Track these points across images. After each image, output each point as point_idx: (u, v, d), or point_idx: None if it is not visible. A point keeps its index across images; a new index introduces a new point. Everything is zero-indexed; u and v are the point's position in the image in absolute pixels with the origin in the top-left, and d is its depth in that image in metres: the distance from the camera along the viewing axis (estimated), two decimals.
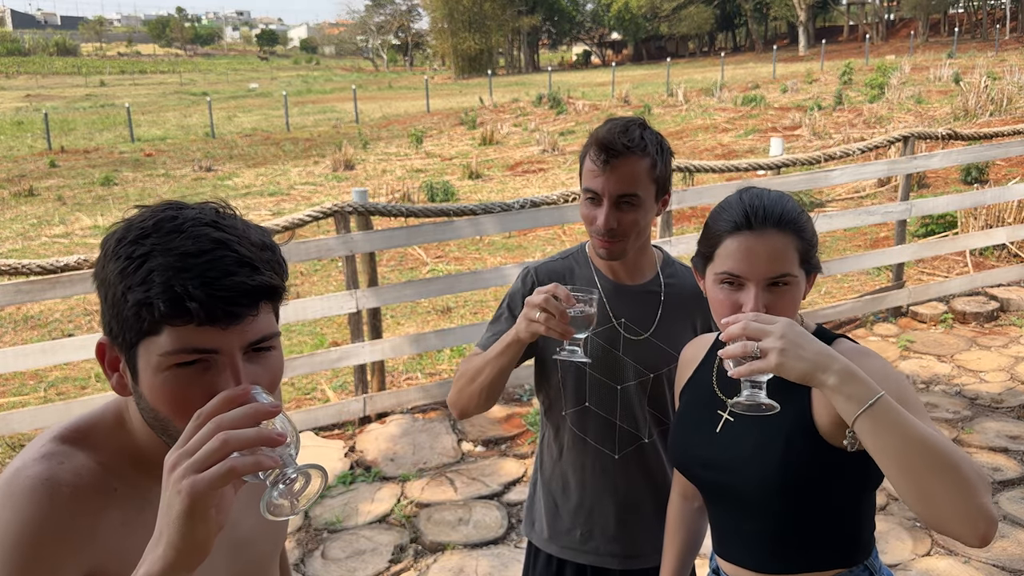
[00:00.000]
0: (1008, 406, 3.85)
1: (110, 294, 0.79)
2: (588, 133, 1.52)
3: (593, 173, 1.43)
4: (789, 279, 1.15)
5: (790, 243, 1.15)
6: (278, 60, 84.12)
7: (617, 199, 1.42)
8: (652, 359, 1.53)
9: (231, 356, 0.78)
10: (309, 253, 3.69)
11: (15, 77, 55.05)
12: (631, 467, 1.57)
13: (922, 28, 44.32)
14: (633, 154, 1.41)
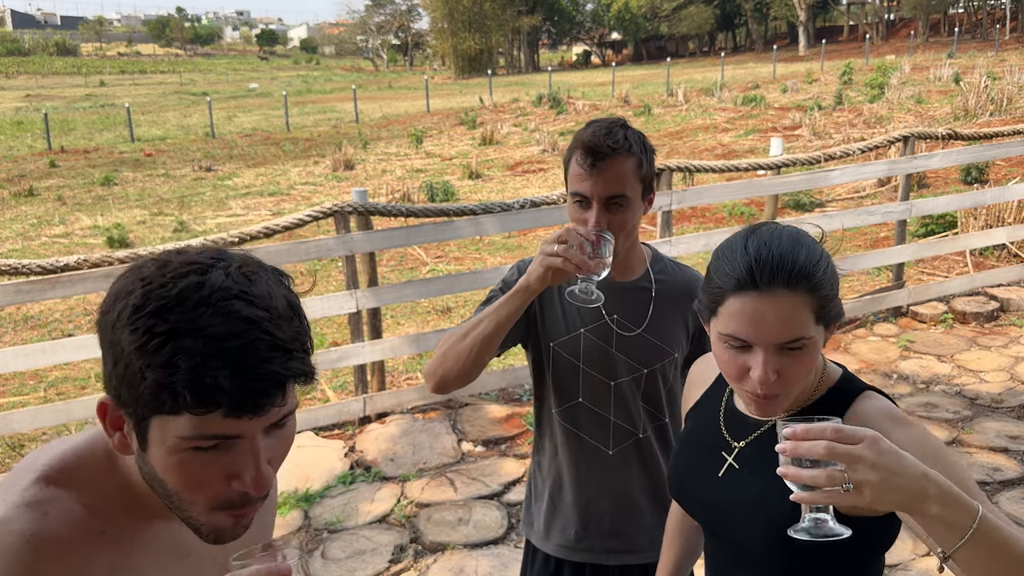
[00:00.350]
0: (1008, 406, 3.85)
1: (122, 364, 0.73)
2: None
3: (580, 176, 1.44)
4: (804, 342, 1.01)
5: (803, 303, 1.00)
6: (278, 60, 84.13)
7: (606, 201, 1.43)
8: (645, 355, 1.54)
9: (252, 440, 0.76)
10: (309, 253, 3.69)
11: (15, 77, 55.05)
12: (626, 462, 1.58)
13: (922, 28, 44.32)
14: (619, 155, 1.43)
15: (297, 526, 3.13)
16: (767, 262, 1.00)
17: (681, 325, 1.56)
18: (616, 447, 1.57)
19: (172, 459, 0.75)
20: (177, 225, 9.49)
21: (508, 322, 1.42)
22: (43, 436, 4.02)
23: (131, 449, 0.79)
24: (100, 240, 8.83)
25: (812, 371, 1.05)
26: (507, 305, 1.41)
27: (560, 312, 1.56)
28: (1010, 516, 2.97)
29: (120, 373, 0.73)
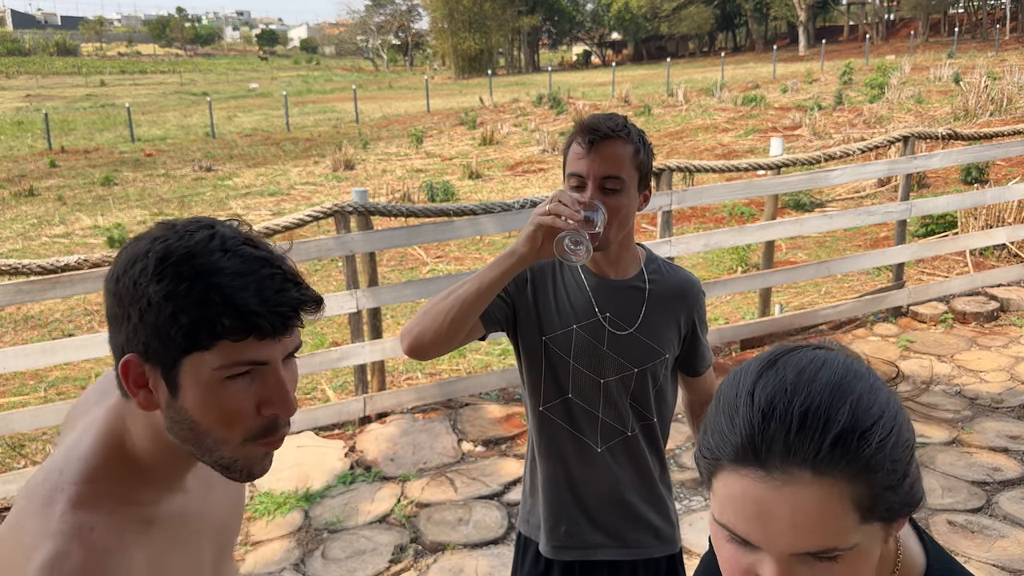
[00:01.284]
0: (1008, 406, 3.85)
1: (152, 315, 0.80)
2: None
3: (578, 155, 1.46)
4: (839, 553, 0.64)
5: (840, 494, 0.63)
6: (278, 60, 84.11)
7: (602, 181, 1.44)
8: (635, 354, 1.54)
9: (276, 366, 0.84)
10: (309, 253, 3.69)
11: (15, 77, 55.05)
12: (615, 459, 1.58)
13: (922, 28, 44.32)
14: (618, 137, 1.45)
15: (297, 526, 3.13)
16: (782, 423, 0.63)
17: (673, 326, 1.57)
18: (604, 444, 1.58)
19: (207, 393, 0.82)
20: None
21: (492, 288, 1.39)
22: (43, 436, 4.02)
23: (157, 404, 0.84)
24: (100, 240, 8.83)
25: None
26: (493, 269, 1.39)
27: (554, 307, 1.55)
28: (1010, 516, 2.97)
29: (150, 324, 0.80)
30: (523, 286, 1.56)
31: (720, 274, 6.19)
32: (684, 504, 3.18)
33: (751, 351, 4.66)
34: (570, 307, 1.54)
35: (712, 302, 5.56)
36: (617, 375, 1.54)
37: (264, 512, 3.21)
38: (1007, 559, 2.73)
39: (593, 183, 1.44)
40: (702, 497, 3.21)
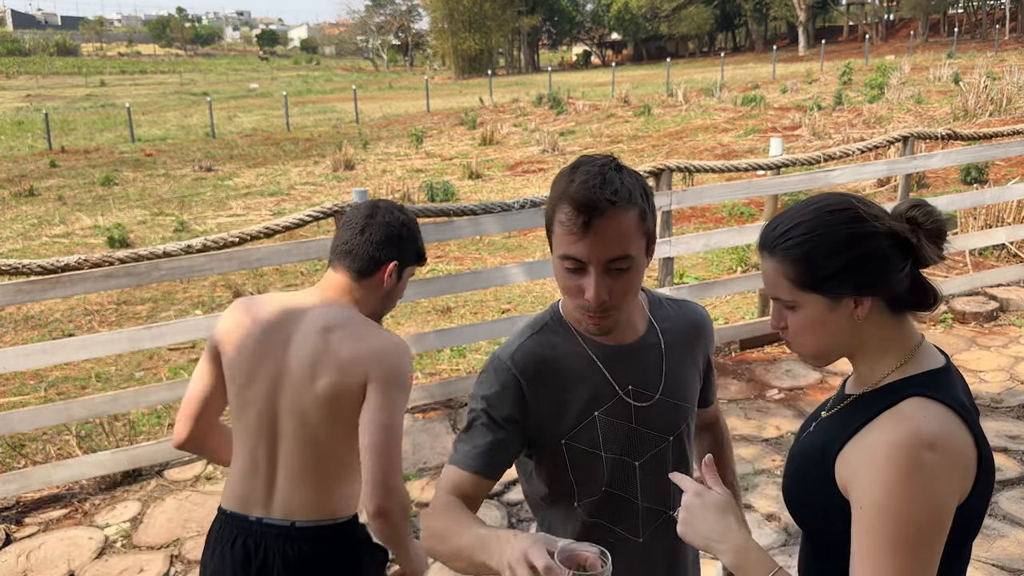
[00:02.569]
0: (1008, 406, 3.86)
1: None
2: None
3: (573, 238, 1.15)
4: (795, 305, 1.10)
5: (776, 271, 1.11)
6: (278, 60, 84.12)
7: (607, 265, 1.16)
8: (669, 421, 1.33)
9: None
10: (309, 253, 3.69)
11: (15, 77, 55.05)
12: (656, 548, 1.36)
13: (922, 28, 44.33)
14: (619, 207, 1.14)
15: None
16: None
17: (694, 371, 1.39)
18: (645, 532, 1.35)
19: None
20: (177, 225, 9.49)
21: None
22: (43, 436, 4.02)
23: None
24: (101, 240, 8.84)
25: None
26: (482, 560, 1.11)
27: (564, 401, 1.28)
28: (1010, 516, 2.97)
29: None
30: (521, 402, 1.26)
31: (720, 274, 6.20)
32: None
33: (751, 351, 4.66)
34: (585, 393, 1.28)
35: (712, 302, 5.57)
36: (653, 450, 1.33)
37: None
38: (1007, 559, 2.73)
39: (596, 269, 1.16)
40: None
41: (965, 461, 1.02)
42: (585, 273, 1.18)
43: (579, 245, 1.16)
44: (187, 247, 3.45)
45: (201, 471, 3.55)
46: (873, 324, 1.08)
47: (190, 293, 6.75)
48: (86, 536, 3.12)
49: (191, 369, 5.02)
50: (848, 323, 1.08)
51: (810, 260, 1.05)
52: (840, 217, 1.05)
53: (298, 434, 1.58)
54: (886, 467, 0.99)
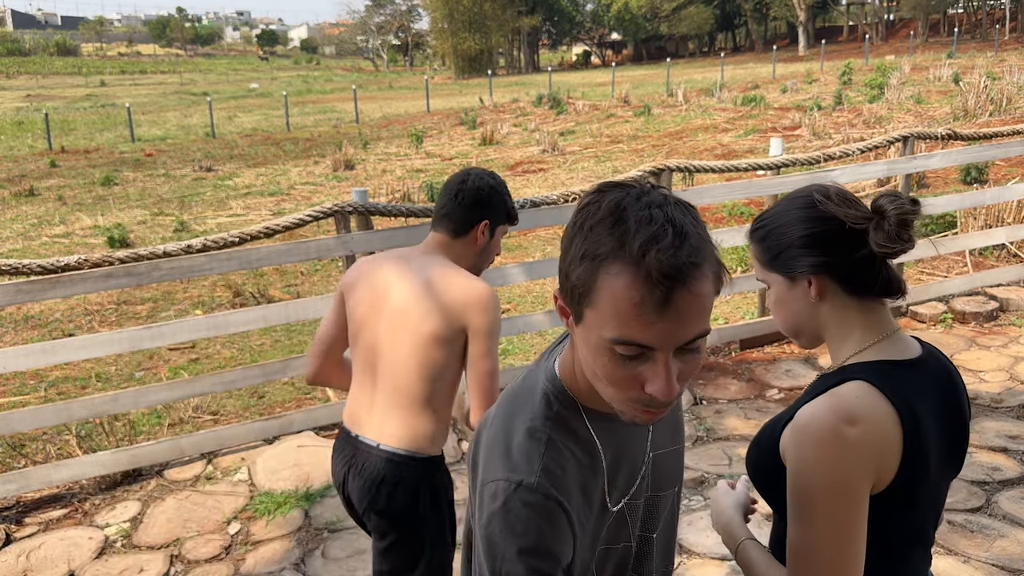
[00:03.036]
0: (1008, 406, 3.86)
1: None
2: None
3: (644, 320, 0.82)
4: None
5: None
6: (278, 60, 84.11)
7: (682, 347, 0.86)
8: (669, 473, 1.15)
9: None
10: (309, 253, 3.69)
11: (15, 77, 55.05)
12: None
13: (922, 28, 44.33)
14: (701, 269, 0.83)
15: (297, 525, 3.13)
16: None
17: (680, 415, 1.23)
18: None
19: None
20: (178, 225, 9.49)
21: None
22: (43, 435, 4.02)
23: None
24: (101, 240, 8.84)
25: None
26: None
27: (590, 504, 1.01)
28: (1010, 516, 2.97)
29: None
30: (570, 533, 0.95)
31: None
32: (684, 504, 3.18)
33: (751, 351, 4.66)
34: (607, 486, 1.03)
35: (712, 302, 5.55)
36: (666, 510, 1.15)
37: (264, 512, 3.21)
38: (1007, 559, 2.73)
39: (668, 353, 0.85)
40: (701, 497, 3.22)
41: (885, 444, 1.05)
42: (648, 360, 0.86)
43: (653, 329, 0.83)
44: (187, 247, 3.45)
45: (201, 471, 3.56)
46: (832, 306, 1.16)
47: (190, 293, 6.75)
48: (86, 536, 3.12)
49: (191, 369, 5.03)
50: (805, 302, 1.17)
51: (768, 240, 1.19)
52: (796, 203, 1.17)
53: (391, 370, 1.83)
54: (803, 437, 1.06)
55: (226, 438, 3.67)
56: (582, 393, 0.99)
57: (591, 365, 0.90)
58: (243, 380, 3.71)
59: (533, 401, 0.99)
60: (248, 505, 3.28)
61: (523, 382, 1.05)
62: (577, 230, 0.87)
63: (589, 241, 0.85)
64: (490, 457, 0.98)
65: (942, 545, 2.83)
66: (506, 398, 1.04)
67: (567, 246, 0.89)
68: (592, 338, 0.87)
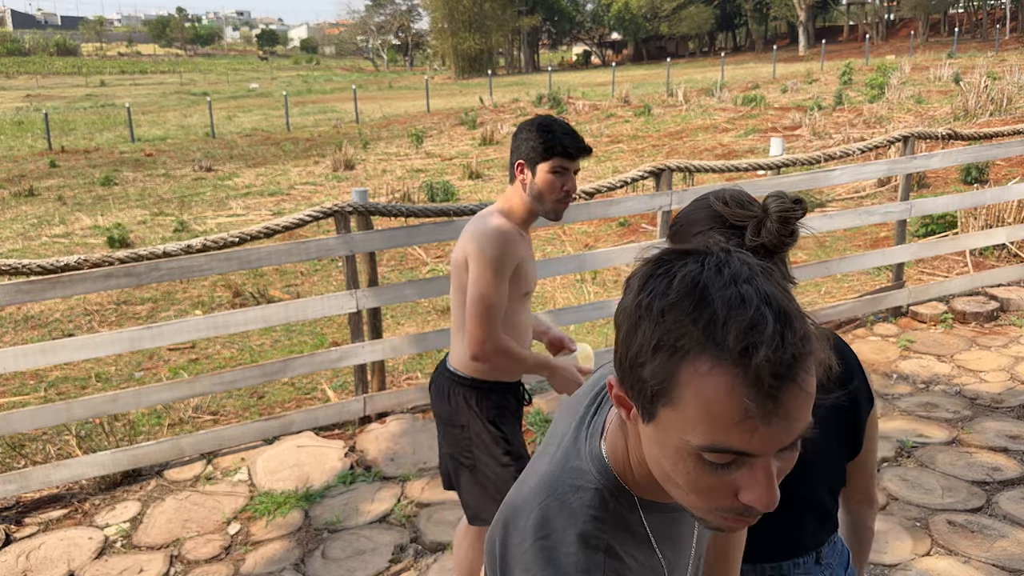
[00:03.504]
0: (1008, 406, 3.85)
1: None
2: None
3: (748, 426, 0.69)
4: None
5: None
6: (278, 60, 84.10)
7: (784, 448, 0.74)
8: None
9: None
10: (309, 253, 3.69)
11: (15, 77, 55.05)
12: None
13: (922, 28, 44.32)
14: (809, 361, 0.71)
15: (297, 526, 3.13)
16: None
17: None
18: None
19: None
20: (177, 225, 9.49)
21: None
22: (43, 436, 4.02)
23: None
24: (100, 240, 8.84)
25: None
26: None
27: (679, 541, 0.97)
28: (1010, 516, 2.97)
29: None
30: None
31: None
32: None
33: None
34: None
35: None
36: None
37: (264, 512, 3.21)
38: (1007, 559, 2.73)
39: (768, 458, 0.72)
40: None
41: None
42: (744, 466, 0.72)
43: (756, 435, 0.70)
44: (187, 247, 3.45)
45: (201, 471, 3.56)
46: None
47: (190, 293, 6.75)
48: (86, 536, 3.12)
49: (191, 369, 5.03)
50: None
51: (675, 238, 1.32)
52: (699, 204, 1.28)
53: (451, 301, 2.20)
54: None
55: (226, 438, 3.67)
56: (638, 486, 0.84)
57: (665, 469, 0.75)
58: (243, 380, 3.71)
59: (582, 498, 0.84)
60: (248, 505, 3.27)
61: (561, 470, 0.87)
62: (644, 312, 0.71)
63: (662, 328, 0.70)
64: (528, 569, 0.81)
65: (942, 545, 2.83)
66: (543, 487, 0.86)
67: (629, 330, 0.73)
68: (671, 441, 0.73)
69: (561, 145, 2.00)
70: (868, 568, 2.73)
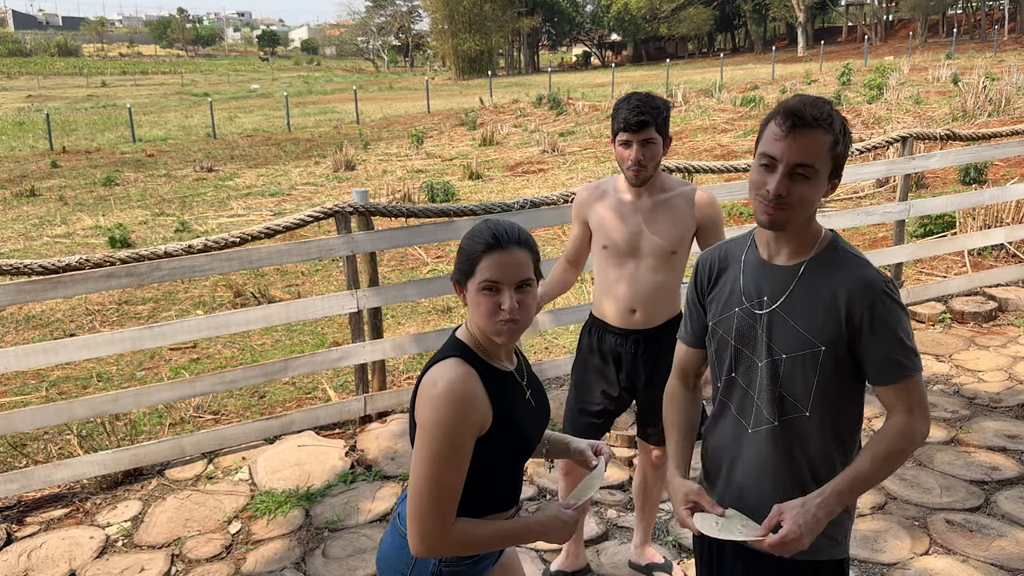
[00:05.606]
0: (1006, 405, 3.86)
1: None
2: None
3: (775, 137, 1.44)
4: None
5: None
6: (279, 61, 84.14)
7: (793, 168, 1.43)
8: (785, 339, 1.51)
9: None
10: (310, 253, 3.71)
11: (17, 78, 55.07)
12: (761, 446, 1.57)
13: (920, 29, 44.33)
14: (819, 127, 1.43)
15: (298, 525, 3.14)
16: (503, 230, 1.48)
17: (833, 320, 1.48)
18: (755, 427, 1.58)
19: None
20: (179, 225, 9.50)
21: None
22: (44, 435, 4.04)
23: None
24: (102, 240, 8.85)
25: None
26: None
27: (721, 293, 1.62)
28: (1008, 515, 2.98)
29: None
30: (706, 283, 1.66)
31: None
32: None
33: None
34: (735, 290, 1.59)
35: None
36: (769, 358, 1.53)
37: (265, 511, 3.22)
38: (1005, 558, 2.74)
39: (784, 167, 1.43)
40: None
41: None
42: (773, 171, 1.45)
43: (778, 144, 1.44)
44: (188, 247, 3.46)
45: (202, 471, 3.57)
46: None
47: (191, 293, 6.76)
48: (87, 535, 3.13)
49: (192, 369, 5.04)
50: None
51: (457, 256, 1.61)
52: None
53: None
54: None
55: (227, 438, 3.69)
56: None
57: (752, 178, 1.60)
58: (244, 380, 3.73)
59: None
60: (249, 504, 3.28)
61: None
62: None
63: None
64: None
65: (940, 544, 2.84)
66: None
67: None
68: (754, 161, 1.54)
69: (622, 120, 2.31)
70: (867, 567, 2.75)
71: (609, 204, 2.46)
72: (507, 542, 1.53)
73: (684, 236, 2.42)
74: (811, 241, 1.53)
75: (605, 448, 1.69)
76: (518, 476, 1.60)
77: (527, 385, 1.56)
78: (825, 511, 1.43)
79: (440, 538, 1.40)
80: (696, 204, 2.41)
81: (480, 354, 1.47)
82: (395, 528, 1.56)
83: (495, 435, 1.43)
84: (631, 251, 2.42)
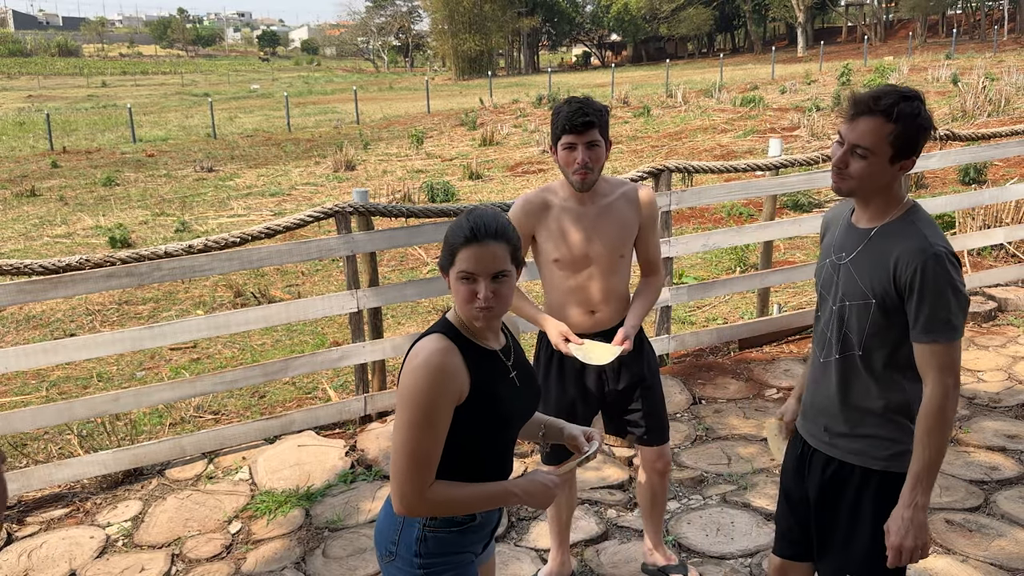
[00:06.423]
0: (1006, 405, 3.87)
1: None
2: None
3: (844, 119, 1.72)
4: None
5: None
6: (279, 61, 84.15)
7: (852, 147, 1.68)
8: (848, 288, 1.78)
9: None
10: (310, 253, 3.71)
11: (17, 78, 55.09)
12: (827, 375, 1.86)
13: (920, 29, 44.33)
14: (874, 116, 1.65)
15: (298, 525, 3.15)
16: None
17: (885, 279, 1.71)
18: (824, 358, 1.87)
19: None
20: (179, 225, 9.51)
21: None
22: (44, 435, 4.04)
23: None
24: (102, 240, 8.85)
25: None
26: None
27: (826, 246, 1.90)
28: (1008, 515, 2.99)
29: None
30: (822, 235, 1.96)
31: (719, 274, 6.21)
32: (683, 503, 3.19)
33: (750, 351, 4.68)
34: (830, 243, 1.88)
35: (711, 302, 5.58)
36: (838, 303, 1.81)
37: (265, 511, 3.23)
38: (1004, 558, 2.74)
39: (846, 146, 1.69)
40: (700, 496, 3.23)
41: None
42: (842, 145, 1.71)
43: (844, 126, 1.71)
44: (188, 247, 3.47)
45: (202, 470, 3.57)
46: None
47: (191, 293, 6.77)
48: (87, 535, 3.13)
49: (192, 369, 5.04)
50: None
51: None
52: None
53: None
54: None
55: (227, 437, 3.69)
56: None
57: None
58: (244, 380, 3.73)
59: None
60: (249, 504, 3.29)
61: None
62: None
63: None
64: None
65: (940, 544, 2.85)
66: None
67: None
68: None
69: (566, 122, 2.35)
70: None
71: (555, 216, 2.47)
72: (487, 504, 1.59)
73: (631, 238, 2.50)
74: (887, 210, 1.75)
75: (596, 434, 1.79)
76: (504, 452, 1.67)
77: (513, 366, 1.63)
78: (911, 511, 1.68)
79: (417, 498, 1.50)
80: (641, 203, 2.50)
81: (464, 333, 1.56)
82: (388, 501, 1.63)
83: (472, 405, 1.52)
84: (584, 260, 2.44)
